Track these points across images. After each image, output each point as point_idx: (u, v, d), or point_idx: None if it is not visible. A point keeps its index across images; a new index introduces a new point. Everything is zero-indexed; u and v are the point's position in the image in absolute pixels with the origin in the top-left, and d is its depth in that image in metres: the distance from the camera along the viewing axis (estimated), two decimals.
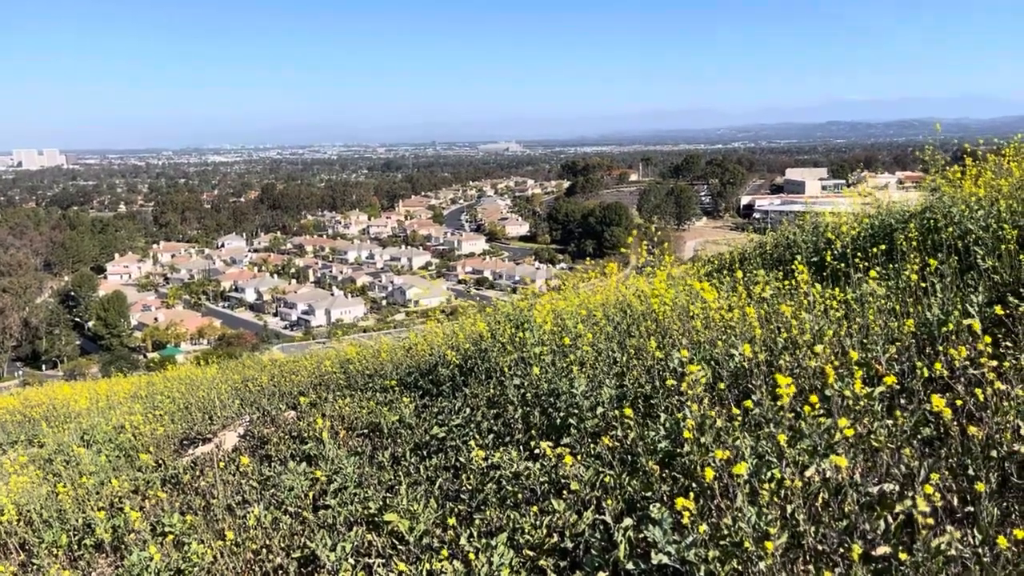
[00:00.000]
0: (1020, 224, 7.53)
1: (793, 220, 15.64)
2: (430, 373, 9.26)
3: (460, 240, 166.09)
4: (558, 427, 5.62)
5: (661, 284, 8.76)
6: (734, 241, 27.95)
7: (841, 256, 8.67)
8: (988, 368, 4.22)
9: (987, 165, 11.04)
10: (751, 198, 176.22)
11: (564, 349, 6.67)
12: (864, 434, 3.95)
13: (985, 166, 11.03)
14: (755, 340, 5.71)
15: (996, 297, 6.18)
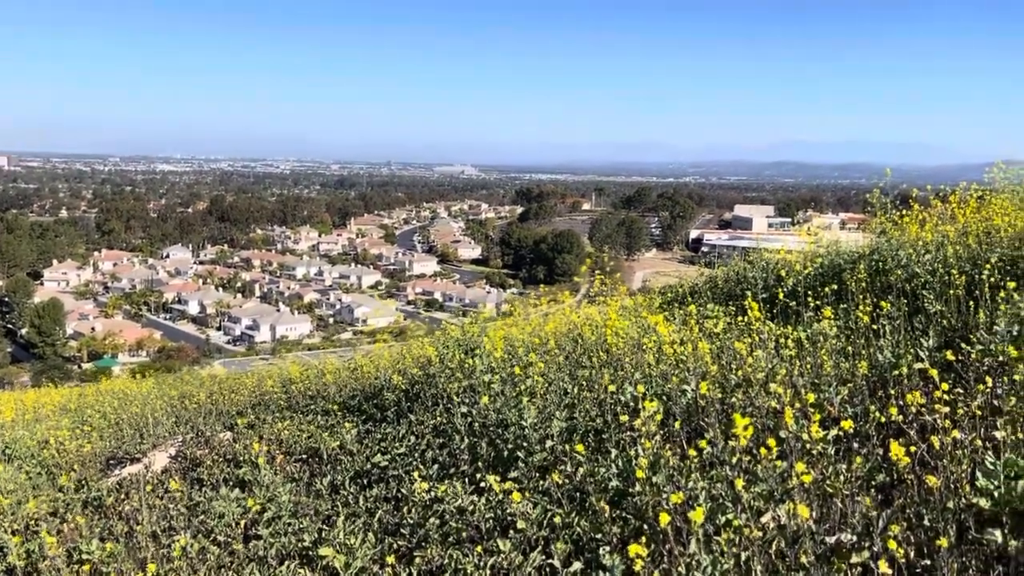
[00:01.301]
0: (967, 271, 7.64)
1: (741, 255, 15.82)
2: (375, 397, 9.00)
3: (411, 261, 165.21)
4: (506, 459, 5.44)
5: (614, 314, 8.68)
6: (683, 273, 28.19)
7: (792, 294, 8.71)
8: (941, 414, 4.18)
9: (933, 210, 11.29)
10: (700, 232, 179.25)
11: (514, 378, 6.52)
12: (819, 479, 3.86)
13: (931, 211, 11.28)
14: (709, 376, 5.63)
15: (945, 341, 6.21)
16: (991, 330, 5.47)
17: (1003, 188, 10.37)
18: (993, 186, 10.65)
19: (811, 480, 3.74)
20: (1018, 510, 3.19)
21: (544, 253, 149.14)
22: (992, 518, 3.23)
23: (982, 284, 6.61)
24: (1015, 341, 5.21)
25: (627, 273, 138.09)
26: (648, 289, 16.99)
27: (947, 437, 3.69)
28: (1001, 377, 4.84)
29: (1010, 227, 8.54)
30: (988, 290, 6.48)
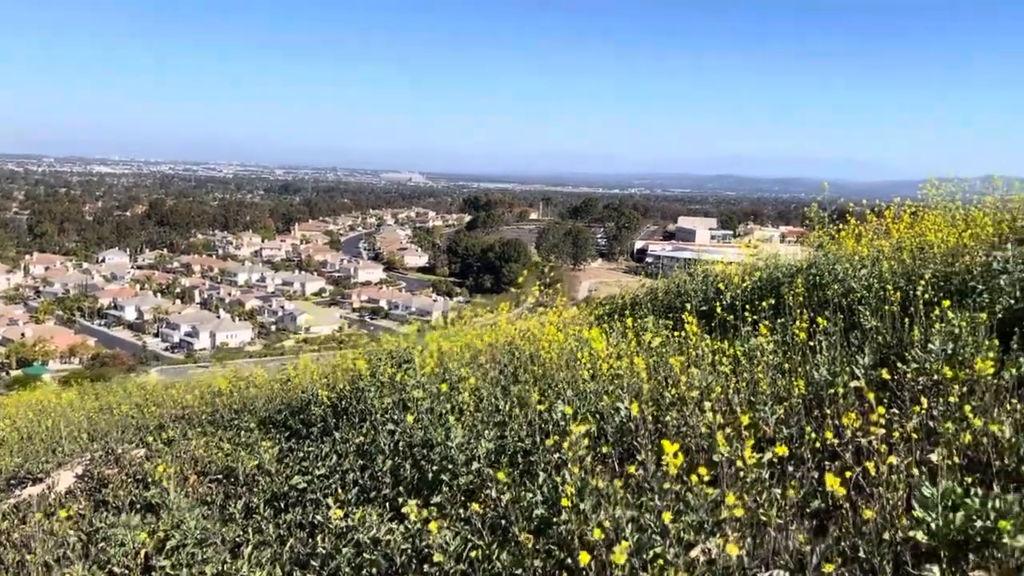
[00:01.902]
0: (901, 286, 7.62)
1: (684, 266, 15.81)
2: (302, 412, 8.60)
3: (357, 268, 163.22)
4: (430, 482, 5.15)
5: (551, 327, 8.46)
6: (627, 284, 28.30)
7: (731, 307, 8.62)
8: (876, 437, 4.05)
9: (869, 225, 11.38)
10: (645, 243, 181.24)
11: (443, 395, 6.23)
12: (752, 507, 3.67)
13: (867, 226, 11.37)
14: (642, 395, 5.43)
15: (881, 359, 6.13)
16: (926, 348, 5.39)
17: (936, 204, 10.49)
18: (926, 202, 10.78)
19: (744, 510, 3.55)
20: (956, 542, 3.04)
21: (491, 262, 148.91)
22: (930, 552, 3.07)
23: (916, 300, 6.57)
24: (949, 360, 5.14)
25: (573, 282, 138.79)
26: (593, 299, 16.87)
27: (883, 465, 3.53)
28: (936, 398, 4.75)
29: (943, 243, 8.59)
30: (922, 306, 6.43)
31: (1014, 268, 6.86)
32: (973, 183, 11.13)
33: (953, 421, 4.30)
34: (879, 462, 3.72)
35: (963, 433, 4.04)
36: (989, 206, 10.15)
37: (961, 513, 3.02)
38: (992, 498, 3.09)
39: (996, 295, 6.35)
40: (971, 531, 2.96)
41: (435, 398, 6.00)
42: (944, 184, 10.86)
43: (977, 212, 9.53)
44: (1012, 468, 3.77)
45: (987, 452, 4.02)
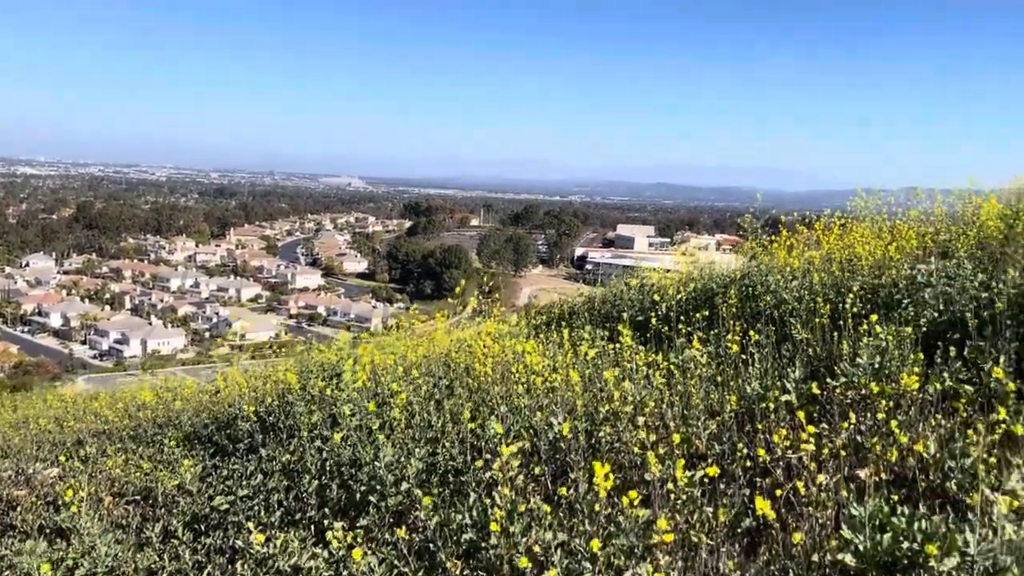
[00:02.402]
0: (831, 298, 7.74)
1: (623, 273, 15.90)
2: (228, 427, 8.31)
3: (295, 273, 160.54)
4: (358, 503, 4.98)
5: (487, 338, 8.35)
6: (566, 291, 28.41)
7: (665, 318, 8.65)
8: (806, 453, 4.04)
9: (800, 236, 11.59)
10: (585, 250, 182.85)
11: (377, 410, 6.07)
12: (684, 528, 3.62)
13: (798, 237, 11.58)
14: (576, 410, 5.37)
15: (811, 371, 6.20)
16: (854, 362, 5.45)
17: (863, 216, 10.73)
18: (855, 214, 11.03)
19: (675, 532, 3.49)
20: (884, 564, 3.03)
21: (432, 268, 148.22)
22: (859, 574, 3.06)
23: (846, 313, 6.67)
24: (876, 374, 5.20)
25: (514, 289, 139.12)
26: (532, 306, 16.85)
27: (813, 486, 3.52)
28: (864, 412, 4.79)
29: (870, 256, 8.77)
30: (851, 319, 6.53)
31: (937, 281, 7.03)
32: (897, 195, 11.43)
33: (880, 437, 4.34)
34: (809, 480, 3.71)
35: (890, 449, 4.06)
36: (913, 219, 10.43)
37: (889, 535, 3.01)
38: (918, 518, 3.09)
39: (920, 308, 6.48)
40: (898, 552, 2.95)
41: (365, 414, 5.83)
42: (871, 196, 11.13)
43: (902, 225, 9.77)
44: (937, 484, 3.81)
45: (913, 469, 4.05)
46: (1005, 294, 5.84)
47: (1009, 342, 5.18)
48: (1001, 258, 7.65)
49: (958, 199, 10.74)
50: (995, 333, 5.41)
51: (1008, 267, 6.56)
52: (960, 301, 6.46)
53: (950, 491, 3.84)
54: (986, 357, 5.11)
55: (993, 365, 4.98)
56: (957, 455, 3.91)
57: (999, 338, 5.31)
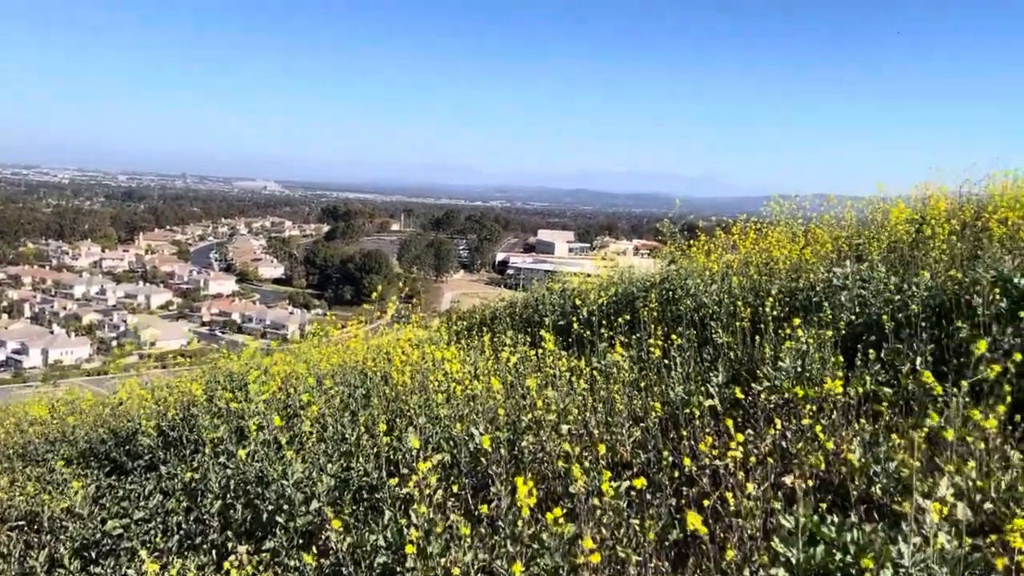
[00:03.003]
0: (750, 302, 7.77)
1: (544, 279, 15.83)
2: (128, 442, 7.78)
3: (207, 279, 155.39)
4: (264, 524, 4.65)
5: (407, 344, 8.08)
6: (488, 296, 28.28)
7: (587, 323, 8.55)
8: (735, 461, 3.94)
9: (718, 240, 11.71)
10: (506, 255, 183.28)
11: (286, 423, 5.73)
12: (610, 544, 3.45)
13: (716, 242, 11.69)
14: (498, 419, 5.16)
15: (733, 375, 6.16)
16: (776, 365, 5.42)
17: (779, 221, 10.90)
18: (770, 218, 11.20)
19: (602, 548, 3.32)
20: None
21: (351, 273, 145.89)
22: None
23: (766, 316, 6.67)
24: (799, 377, 5.17)
25: (436, 294, 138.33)
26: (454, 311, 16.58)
27: (741, 495, 3.40)
28: (788, 417, 4.74)
29: (787, 259, 8.87)
30: (771, 323, 6.54)
31: (852, 284, 7.12)
32: (812, 200, 11.66)
33: (805, 442, 4.28)
34: (736, 489, 3.60)
35: (815, 455, 4.00)
36: (826, 223, 10.65)
37: (821, 547, 2.91)
38: (848, 528, 3.01)
39: (838, 311, 6.53)
40: (831, 565, 2.86)
41: (273, 428, 5.48)
42: (786, 201, 11.34)
43: (817, 229, 9.95)
44: (862, 489, 3.76)
45: (839, 474, 4.00)
46: (918, 297, 5.92)
47: (925, 344, 5.23)
48: (911, 261, 7.83)
49: (867, 204, 11.03)
50: (911, 335, 5.47)
51: (921, 270, 6.68)
52: (875, 304, 6.54)
53: (875, 496, 3.80)
54: (904, 359, 5.15)
55: (911, 367, 5.02)
56: (881, 459, 3.87)
57: (915, 340, 5.36)
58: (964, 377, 4.67)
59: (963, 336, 5.18)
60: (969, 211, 8.79)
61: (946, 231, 7.68)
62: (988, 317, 5.13)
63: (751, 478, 3.78)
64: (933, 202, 9.89)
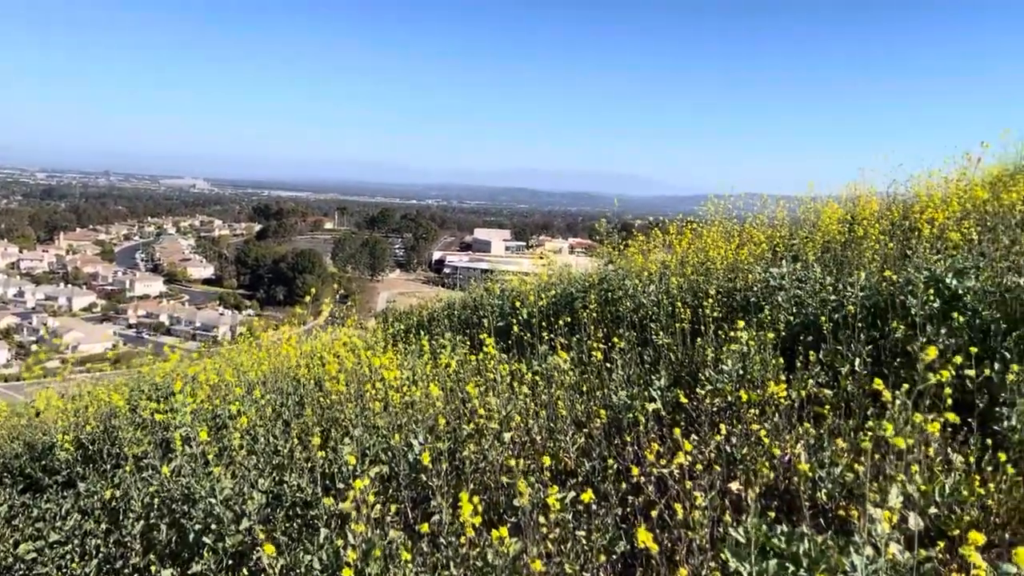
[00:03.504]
0: (689, 302, 7.78)
1: (481, 277, 15.70)
2: (44, 456, 7.35)
3: (134, 280, 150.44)
4: (191, 545, 4.39)
5: (342, 348, 7.83)
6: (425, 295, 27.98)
7: (527, 324, 8.45)
8: (682, 469, 3.87)
9: (655, 240, 11.76)
10: (442, 253, 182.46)
11: (214, 435, 5.46)
12: (557, 559, 3.33)
13: (652, 242, 11.74)
14: (437, 428, 5.00)
15: (675, 378, 6.13)
16: (717, 368, 5.39)
17: (715, 220, 11.00)
18: (706, 218, 11.29)
19: (548, 564, 3.20)
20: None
21: (284, 273, 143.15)
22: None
23: (705, 318, 6.67)
24: (741, 380, 5.15)
25: (371, 294, 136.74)
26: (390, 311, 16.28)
27: (688, 503, 3.32)
28: (732, 421, 4.71)
29: (723, 260, 8.93)
30: (712, 324, 6.53)
31: (789, 285, 7.18)
32: (747, 199, 11.81)
33: (750, 447, 4.25)
34: (683, 497, 3.53)
35: (760, 461, 3.96)
36: (760, 223, 10.79)
37: (774, 561, 2.85)
38: (799, 538, 2.95)
39: (776, 312, 6.57)
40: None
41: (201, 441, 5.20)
42: (720, 201, 11.45)
43: (753, 230, 10.06)
44: (808, 494, 3.73)
45: (784, 480, 3.97)
46: (854, 297, 5.98)
47: (863, 345, 5.27)
48: (845, 261, 7.95)
49: (799, 204, 11.23)
50: (849, 336, 5.51)
51: (855, 270, 6.77)
52: (812, 304, 6.60)
53: (820, 501, 3.78)
54: (843, 360, 5.18)
55: (851, 368, 5.05)
56: (826, 464, 3.86)
57: (853, 341, 5.40)
58: (903, 379, 4.71)
59: (899, 337, 5.24)
60: (897, 211, 8.99)
61: (877, 231, 7.82)
62: (923, 317, 5.20)
63: (697, 486, 3.71)
64: (863, 202, 10.11)
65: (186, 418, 5.45)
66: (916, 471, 3.27)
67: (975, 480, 3.33)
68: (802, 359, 5.25)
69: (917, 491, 3.07)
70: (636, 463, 4.66)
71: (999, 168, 10.69)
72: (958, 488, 3.28)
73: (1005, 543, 3.26)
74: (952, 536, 3.23)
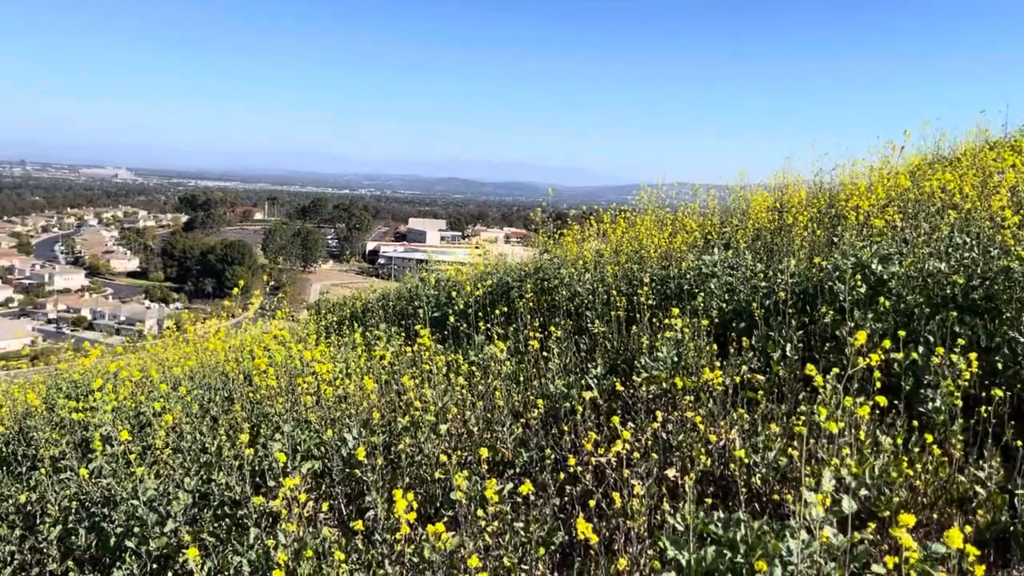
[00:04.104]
0: (623, 290, 7.82)
1: (416, 268, 15.54)
2: None
3: (53, 274, 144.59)
4: (112, 550, 4.19)
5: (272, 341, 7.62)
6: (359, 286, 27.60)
7: (463, 314, 8.38)
8: (621, 457, 3.86)
9: (589, 229, 11.81)
10: (377, 244, 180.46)
11: (140, 432, 5.24)
12: (495, 552, 3.28)
13: (587, 231, 11.79)
14: (372, 422, 4.89)
15: (611, 366, 6.14)
16: (653, 355, 5.42)
17: (647, 209, 11.10)
18: (639, 207, 11.38)
19: (486, 557, 3.14)
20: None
21: (213, 265, 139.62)
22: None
23: (640, 305, 6.71)
24: (676, 367, 5.18)
25: (303, 285, 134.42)
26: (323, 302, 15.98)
27: (626, 492, 3.31)
28: (668, 408, 4.73)
29: (656, 248, 9.01)
30: (647, 311, 6.57)
31: (721, 272, 7.27)
32: (679, 189, 11.94)
33: (685, 433, 4.27)
34: (621, 486, 3.51)
35: (696, 447, 3.98)
36: (692, 212, 10.93)
37: (712, 548, 2.85)
38: (735, 524, 2.97)
39: (709, 299, 6.64)
40: (723, 566, 2.80)
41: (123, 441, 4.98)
42: (652, 190, 11.55)
43: (685, 218, 10.17)
44: (743, 479, 3.76)
45: (720, 465, 4.00)
46: (784, 283, 6.08)
47: (794, 330, 5.36)
48: (775, 248, 8.09)
49: (730, 193, 11.42)
50: (780, 322, 5.60)
51: (785, 256, 6.89)
52: (743, 291, 6.70)
53: (755, 486, 3.82)
54: (774, 346, 5.25)
55: (782, 354, 5.13)
56: (760, 449, 3.90)
57: (784, 326, 5.49)
58: (832, 363, 4.81)
59: (828, 322, 5.35)
60: (824, 199, 9.21)
61: (805, 219, 7.98)
62: (850, 303, 5.31)
63: (635, 474, 3.71)
64: (791, 191, 10.33)
65: (107, 416, 5.21)
66: (847, 454, 3.32)
67: (903, 461, 3.41)
68: (735, 345, 5.31)
69: (849, 474, 3.11)
70: (574, 452, 4.64)
71: (919, 158, 11.06)
72: (887, 470, 3.35)
73: (933, 523, 3.35)
74: (882, 517, 3.29)
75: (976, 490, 3.36)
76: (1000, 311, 4.76)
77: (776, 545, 2.64)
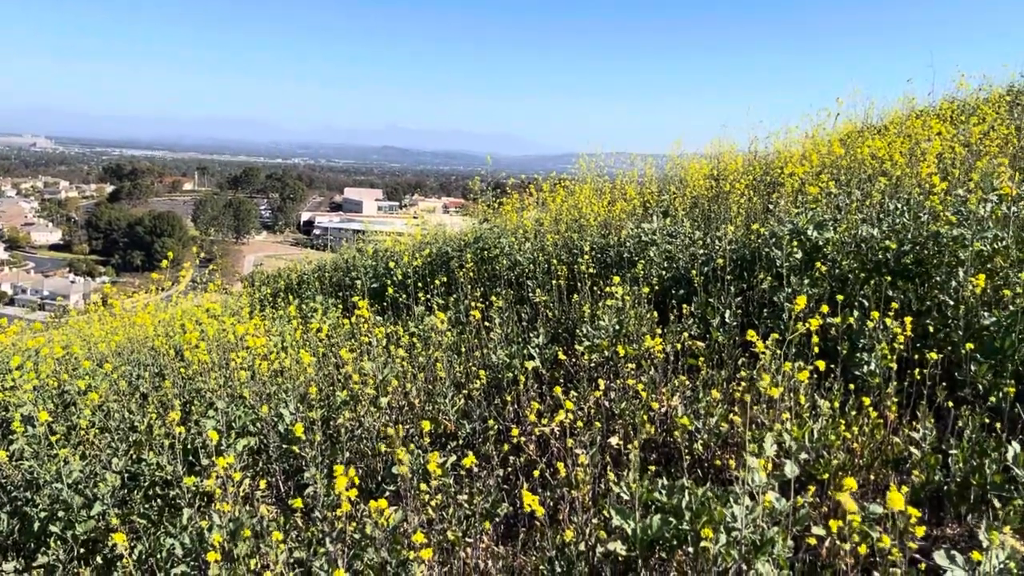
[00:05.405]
0: (564, 259, 7.80)
1: (353, 238, 15.27)
2: None
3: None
4: (36, 535, 4.00)
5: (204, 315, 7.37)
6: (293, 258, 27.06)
7: (402, 285, 8.25)
8: (558, 426, 3.84)
9: (528, 198, 11.75)
10: (311, 214, 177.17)
11: (64, 411, 5.01)
12: (439, 526, 3.23)
13: (527, 199, 11.73)
14: (309, 396, 4.77)
15: (553, 335, 6.11)
16: (595, 324, 5.40)
17: (587, 178, 11.08)
18: (578, 176, 11.36)
19: (430, 531, 3.09)
20: (654, 544, 2.87)
21: (141, 237, 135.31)
22: (629, 563, 2.87)
23: (581, 274, 6.69)
24: (617, 335, 5.18)
25: (237, 257, 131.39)
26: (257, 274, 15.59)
27: (570, 460, 3.28)
28: (611, 376, 4.73)
29: (596, 216, 9.00)
30: (588, 280, 6.56)
31: (660, 240, 7.30)
32: (617, 157, 11.95)
33: (628, 401, 4.27)
34: (565, 455, 3.49)
35: (639, 414, 3.98)
36: (630, 180, 10.96)
37: (658, 517, 2.85)
38: (679, 490, 2.97)
39: (649, 266, 6.66)
40: (668, 534, 2.80)
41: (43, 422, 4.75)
42: (591, 159, 11.53)
43: (626, 186, 10.19)
44: (686, 446, 3.78)
45: (662, 432, 4.01)
46: (723, 250, 6.13)
47: (732, 296, 5.40)
48: (713, 216, 8.16)
49: (667, 161, 11.47)
50: (719, 288, 5.64)
51: (723, 224, 6.95)
52: (682, 258, 6.74)
53: (697, 452, 3.84)
54: (713, 312, 5.29)
55: (721, 320, 5.17)
56: (702, 415, 3.92)
57: (722, 293, 5.53)
58: (771, 328, 4.86)
59: (766, 288, 5.41)
60: (759, 167, 9.32)
61: (742, 186, 8.06)
62: (787, 269, 5.38)
63: (578, 443, 3.69)
64: (727, 159, 10.43)
65: (27, 396, 4.96)
66: (787, 418, 3.36)
67: (840, 424, 3.46)
68: (675, 312, 5.33)
69: (791, 438, 3.15)
70: (517, 423, 4.61)
71: (850, 126, 11.27)
72: (826, 433, 3.40)
73: (870, 484, 3.42)
74: (821, 480, 3.35)
75: (911, 451, 3.44)
76: (930, 275, 4.88)
77: (720, 511, 2.65)
